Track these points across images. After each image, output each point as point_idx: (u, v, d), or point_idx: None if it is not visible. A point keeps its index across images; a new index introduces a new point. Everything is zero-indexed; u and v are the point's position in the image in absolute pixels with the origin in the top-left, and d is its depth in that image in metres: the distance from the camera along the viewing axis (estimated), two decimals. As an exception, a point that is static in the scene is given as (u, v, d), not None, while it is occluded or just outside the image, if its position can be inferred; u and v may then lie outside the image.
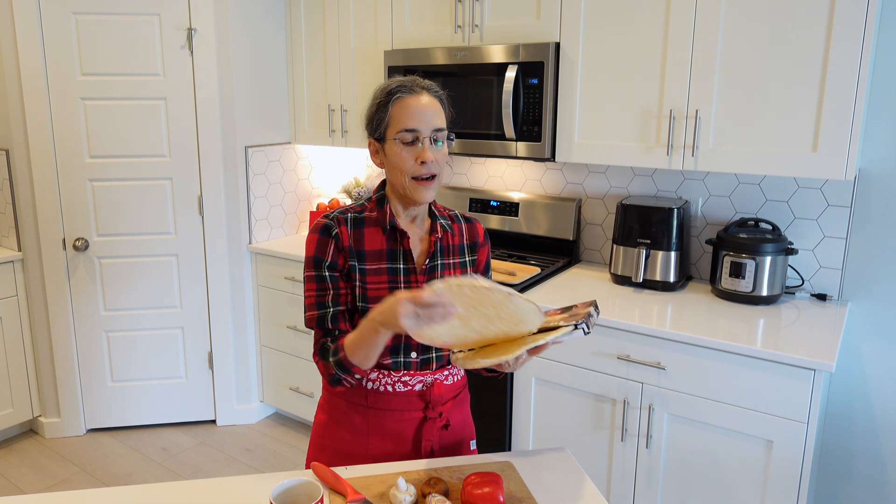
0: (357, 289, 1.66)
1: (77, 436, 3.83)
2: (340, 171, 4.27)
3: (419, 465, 1.61)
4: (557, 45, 2.84)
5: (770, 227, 2.76)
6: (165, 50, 3.49)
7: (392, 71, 3.25)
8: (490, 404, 2.91)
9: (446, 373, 1.74)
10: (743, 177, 2.88)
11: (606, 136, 2.80)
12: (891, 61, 2.54)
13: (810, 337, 2.35)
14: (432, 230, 1.74)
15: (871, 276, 2.69)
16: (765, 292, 2.64)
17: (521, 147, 2.94)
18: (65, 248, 3.60)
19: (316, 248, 1.66)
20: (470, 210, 3.55)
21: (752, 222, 2.76)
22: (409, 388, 1.69)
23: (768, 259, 2.61)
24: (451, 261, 1.75)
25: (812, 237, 2.77)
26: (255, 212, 3.82)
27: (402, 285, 1.67)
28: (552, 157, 2.94)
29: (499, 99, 2.95)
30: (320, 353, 1.63)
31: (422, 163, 1.59)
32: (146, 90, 3.52)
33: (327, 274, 1.65)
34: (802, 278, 2.81)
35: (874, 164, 2.63)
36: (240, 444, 3.77)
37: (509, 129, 2.93)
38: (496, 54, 2.94)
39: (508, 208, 3.44)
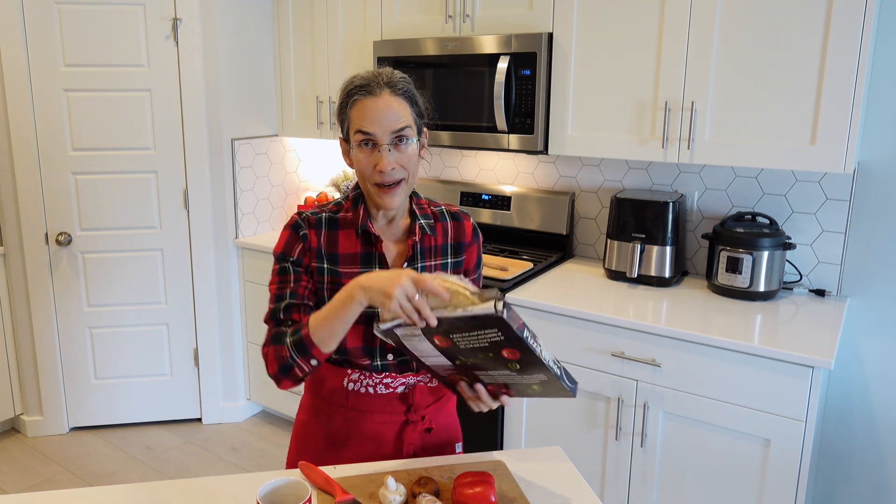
0: (327, 291, 1.60)
1: (60, 434, 3.78)
2: (329, 164, 4.22)
3: (409, 465, 1.58)
4: (550, 36, 2.80)
5: (767, 222, 2.72)
6: (150, 41, 3.44)
7: (381, 62, 3.20)
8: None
9: (429, 376, 1.68)
10: (740, 170, 2.84)
11: (600, 129, 2.76)
12: (890, 52, 2.51)
13: (808, 333, 2.32)
14: (411, 231, 1.65)
15: (871, 272, 2.66)
16: (762, 288, 2.60)
17: (514, 140, 2.90)
18: (47, 242, 3.54)
19: (284, 244, 1.62)
20: (461, 204, 3.50)
21: (749, 216, 2.73)
22: (391, 390, 1.63)
23: (765, 254, 2.57)
24: (433, 262, 1.67)
25: (810, 231, 2.73)
26: (242, 206, 3.76)
27: None
28: (545, 150, 2.89)
29: (490, 90, 2.91)
30: (273, 339, 1.54)
31: (380, 171, 1.51)
32: (130, 82, 3.46)
33: (291, 267, 1.60)
34: (800, 273, 2.78)
35: (873, 157, 2.60)
36: (226, 443, 3.72)
37: (501, 122, 2.89)
38: (488, 45, 2.89)
39: (500, 202, 3.39)
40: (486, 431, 2.89)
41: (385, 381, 1.62)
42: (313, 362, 1.48)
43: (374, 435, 1.65)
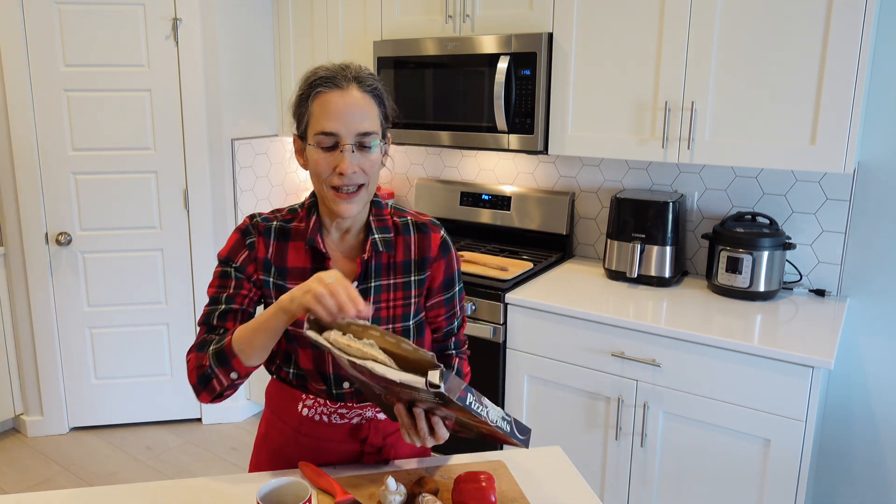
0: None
1: (60, 434, 3.77)
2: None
3: (410, 465, 1.58)
4: (550, 36, 2.80)
5: (767, 222, 2.72)
6: (150, 41, 3.44)
7: (381, 62, 3.20)
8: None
9: None
10: (740, 170, 2.84)
11: (600, 129, 2.76)
12: (890, 52, 2.50)
13: (808, 333, 2.32)
14: (363, 248, 1.51)
15: (871, 272, 2.65)
16: (762, 288, 2.60)
17: (514, 139, 2.90)
18: (47, 242, 3.54)
19: (229, 248, 1.51)
20: (461, 204, 3.50)
21: (749, 216, 2.73)
22: (346, 420, 1.55)
23: (765, 254, 2.57)
24: (391, 281, 1.52)
25: (810, 231, 2.73)
26: (242, 206, 3.76)
27: None
28: (545, 150, 2.89)
29: (490, 90, 2.90)
30: (198, 346, 1.45)
31: (340, 173, 1.38)
32: (131, 82, 3.46)
33: (233, 273, 1.49)
34: (800, 273, 2.77)
35: (873, 157, 2.59)
36: (226, 443, 3.71)
37: (501, 122, 2.89)
38: (488, 45, 2.89)
39: (500, 202, 3.39)
40: (486, 431, 2.88)
41: (340, 410, 1.55)
42: (233, 375, 1.40)
43: (326, 462, 1.58)
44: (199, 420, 3.95)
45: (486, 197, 3.44)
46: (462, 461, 1.60)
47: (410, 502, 1.40)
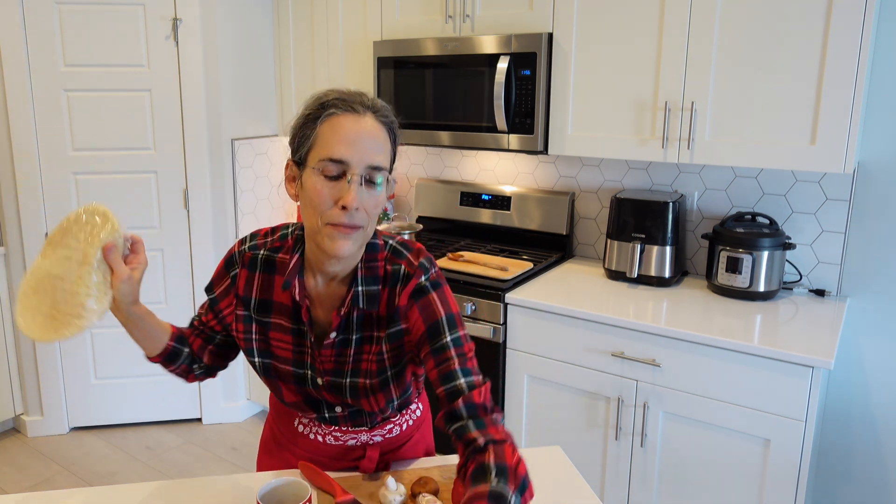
0: (255, 342, 1.44)
1: (60, 434, 3.77)
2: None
3: (410, 465, 1.57)
4: (550, 36, 2.80)
5: (767, 222, 2.72)
6: (150, 41, 3.44)
7: (381, 62, 3.20)
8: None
9: (390, 426, 1.55)
10: (740, 170, 2.84)
11: (600, 129, 2.76)
12: (890, 52, 2.50)
13: (808, 333, 2.32)
14: (344, 300, 1.37)
15: (871, 272, 2.65)
16: (762, 288, 2.60)
17: (514, 140, 2.90)
18: (47, 242, 3.53)
19: (215, 275, 1.48)
20: (461, 204, 3.50)
21: (749, 216, 2.73)
22: (341, 442, 1.54)
23: (765, 254, 2.57)
24: (375, 333, 1.39)
25: (810, 232, 2.73)
26: (242, 206, 3.76)
27: (308, 353, 1.41)
28: (545, 150, 2.89)
29: (490, 90, 2.90)
30: None
31: (343, 207, 1.22)
32: (131, 82, 3.46)
33: (209, 305, 1.51)
34: (800, 273, 2.77)
35: (873, 157, 2.59)
36: (226, 443, 3.71)
37: (501, 122, 2.89)
38: (488, 45, 2.89)
39: (500, 202, 3.39)
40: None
41: (335, 433, 1.53)
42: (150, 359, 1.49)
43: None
44: (199, 420, 3.95)
45: (486, 197, 3.44)
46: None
47: (411, 502, 1.40)
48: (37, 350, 3.64)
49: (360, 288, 1.35)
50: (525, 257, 3.18)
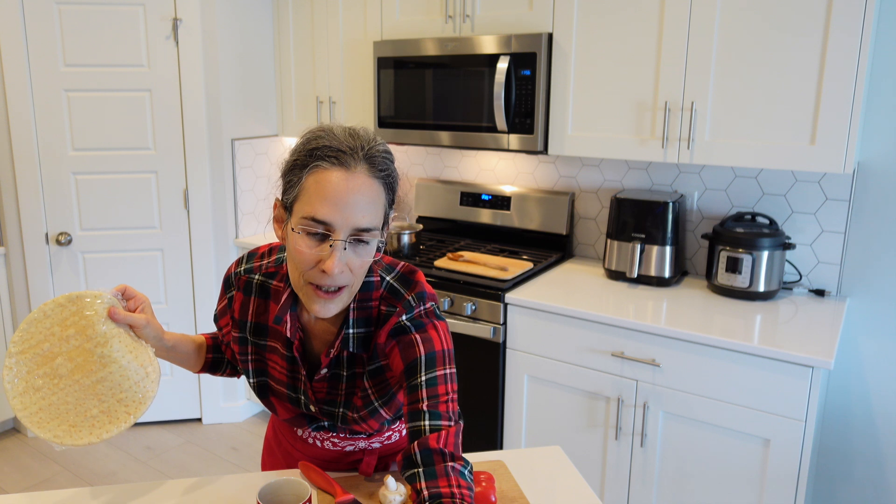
0: (251, 363, 1.43)
1: (60, 434, 3.76)
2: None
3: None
4: (550, 36, 2.80)
5: (767, 222, 2.72)
6: (150, 41, 3.44)
7: (381, 62, 3.20)
8: (482, 402, 2.87)
9: (388, 433, 1.54)
10: (739, 170, 2.84)
11: (600, 129, 2.76)
12: (890, 52, 2.50)
13: (808, 333, 2.32)
14: (335, 340, 1.33)
15: (870, 272, 2.65)
16: (762, 288, 2.60)
17: (514, 140, 2.90)
18: (47, 242, 3.54)
19: (220, 294, 1.48)
20: (461, 204, 3.50)
21: (749, 216, 2.73)
22: (339, 448, 1.53)
23: (765, 254, 2.57)
24: (365, 369, 1.36)
25: (810, 232, 2.73)
26: (242, 206, 3.76)
27: (302, 381, 1.39)
28: (545, 150, 2.89)
29: (490, 91, 2.90)
30: None
31: (322, 271, 1.15)
32: (131, 82, 3.46)
33: (215, 318, 1.54)
34: (800, 273, 2.77)
35: (873, 157, 2.59)
36: (226, 443, 3.71)
37: (501, 122, 2.89)
38: (488, 45, 2.89)
39: (500, 202, 3.39)
40: (485, 431, 2.89)
41: (332, 439, 1.52)
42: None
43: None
44: (199, 420, 3.95)
45: (486, 197, 3.44)
46: (462, 461, 1.60)
47: (410, 502, 1.40)
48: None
49: (350, 331, 1.30)
50: (525, 257, 3.18)
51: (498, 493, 1.44)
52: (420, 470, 1.19)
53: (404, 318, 1.29)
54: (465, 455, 1.42)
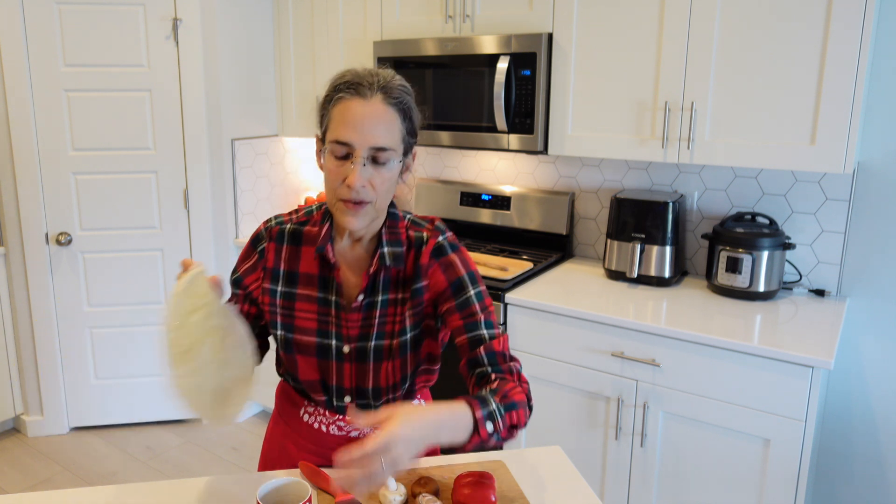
0: (279, 316, 1.50)
1: (60, 434, 3.77)
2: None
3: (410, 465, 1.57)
4: (550, 36, 2.80)
5: (767, 222, 2.72)
6: (150, 41, 3.44)
7: (381, 62, 3.20)
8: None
9: None
10: (739, 170, 2.84)
11: (600, 129, 2.76)
12: (890, 52, 2.50)
13: (808, 333, 2.32)
14: (371, 261, 1.47)
15: (871, 272, 2.65)
16: (762, 288, 2.60)
17: (514, 140, 2.90)
18: (48, 242, 3.54)
19: (240, 256, 1.54)
20: (461, 204, 3.50)
21: (749, 216, 2.73)
22: (344, 433, 1.56)
23: (765, 254, 2.57)
24: (399, 295, 1.48)
25: (810, 232, 2.73)
26: (242, 206, 3.76)
27: (333, 321, 1.48)
28: (545, 150, 2.89)
29: (490, 91, 2.90)
30: None
31: (347, 185, 1.32)
32: (131, 82, 3.46)
33: (232, 287, 1.55)
34: (800, 273, 2.77)
35: (873, 157, 2.59)
36: (226, 443, 3.71)
37: (501, 122, 2.89)
38: (488, 45, 2.89)
39: (500, 202, 3.39)
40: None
41: (339, 422, 1.55)
42: None
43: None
44: (200, 420, 3.95)
45: (486, 197, 3.44)
46: (462, 461, 1.60)
47: (411, 502, 1.40)
48: (37, 350, 3.64)
49: (385, 249, 1.45)
50: (525, 257, 3.18)
51: (498, 494, 1.44)
52: (489, 368, 1.41)
53: (441, 238, 1.48)
54: (464, 455, 1.56)
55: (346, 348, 1.48)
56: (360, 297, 1.46)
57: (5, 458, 3.55)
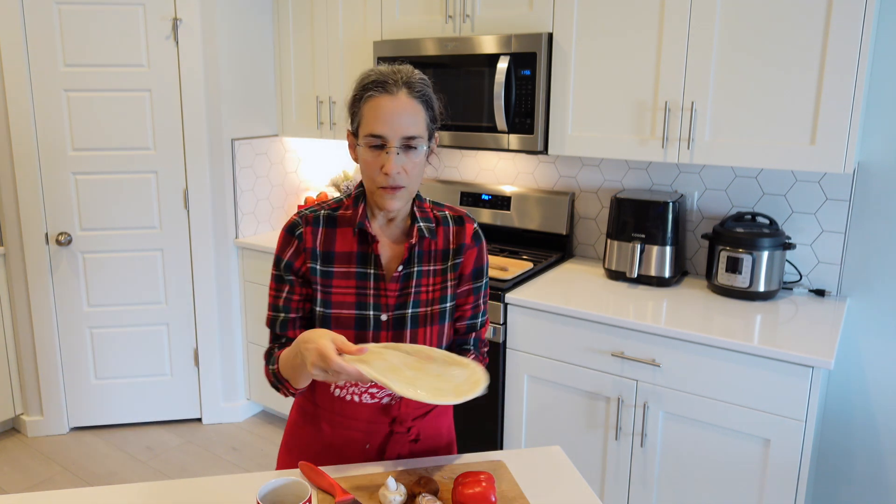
0: (319, 293, 1.58)
1: (60, 434, 3.77)
2: (329, 164, 4.21)
3: (410, 465, 1.58)
4: (550, 36, 2.80)
5: (767, 222, 2.72)
6: (150, 41, 3.43)
7: (381, 62, 3.20)
8: (482, 402, 2.86)
9: None
10: (740, 170, 2.84)
11: (600, 129, 2.76)
12: (890, 52, 2.50)
13: (808, 333, 2.32)
14: (410, 233, 1.62)
15: (871, 272, 2.65)
16: (762, 288, 2.60)
17: (514, 140, 2.90)
18: (48, 242, 3.53)
19: (279, 246, 1.61)
20: (461, 204, 3.50)
21: (749, 216, 2.73)
22: (377, 400, 1.61)
23: (765, 254, 2.57)
24: (431, 267, 1.63)
25: (810, 232, 2.73)
26: (242, 206, 3.76)
27: (371, 293, 1.58)
28: (545, 150, 2.89)
29: (490, 91, 2.90)
30: (266, 356, 1.60)
31: (385, 173, 1.48)
32: (131, 82, 3.46)
33: (284, 275, 1.60)
34: (800, 273, 2.77)
35: (873, 157, 2.59)
36: (226, 443, 3.71)
37: (501, 122, 2.89)
38: (488, 45, 2.89)
39: (500, 202, 3.39)
40: (486, 431, 2.89)
41: (371, 390, 1.61)
42: (292, 391, 1.54)
43: (358, 442, 1.64)
44: (199, 420, 3.95)
45: (486, 197, 3.44)
46: (462, 461, 1.60)
47: (410, 502, 1.40)
48: (36, 350, 3.64)
49: (420, 224, 1.61)
50: (525, 257, 3.18)
51: (498, 493, 1.44)
52: (470, 348, 1.70)
53: (475, 226, 1.69)
54: (464, 455, 1.63)
55: (384, 316, 1.57)
56: (400, 268, 1.58)
57: (5, 458, 3.55)
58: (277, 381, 1.54)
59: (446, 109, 1.64)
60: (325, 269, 1.58)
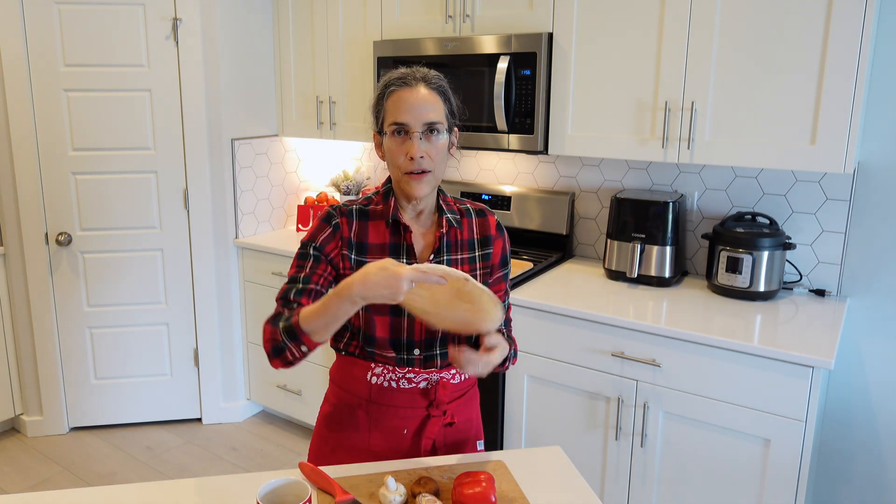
0: None
1: (60, 434, 3.77)
2: (329, 164, 4.21)
3: (410, 465, 1.58)
4: (550, 36, 2.80)
5: (767, 222, 2.72)
6: (150, 41, 3.43)
7: (381, 62, 3.20)
8: (482, 402, 2.85)
9: (453, 371, 1.71)
10: (740, 170, 2.84)
11: (600, 129, 2.76)
12: (890, 52, 2.50)
13: (808, 333, 2.32)
14: (439, 224, 1.70)
15: (871, 272, 2.65)
16: (762, 288, 2.60)
17: (514, 139, 2.90)
18: (47, 242, 3.53)
19: (312, 231, 1.67)
20: (461, 204, 3.50)
21: (749, 216, 2.73)
22: (414, 384, 1.67)
23: (765, 254, 2.57)
24: (460, 256, 1.71)
25: (810, 231, 2.73)
26: (242, 206, 3.76)
27: None
28: (545, 150, 2.89)
29: (490, 90, 2.90)
30: (273, 319, 1.57)
31: (410, 158, 1.57)
32: (131, 82, 3.46)
33: (311, 252, 1.64)
34: (800, 273, 2.77)
35: (873, 156, 2.59)
36: (226, 443, 3.71)
37: (501, 122, 2.89)
38: (488, 45, 2.89)
39: (500, 202, 3.39)
40: (486, 431, 2.89)
41: (408, 375, 1.66)
42: (303, 349, 1.51)
43: (395, 428, 1.68)
44: (199, 420, 3.95)
45: (486, 197, 3.44)
46: (462, 461, 1.60)
47: (411, 502, 1.40)
48: (36, 350, 3.64)
49: (447, 215, 1.69)
50: (525, 257, 3.18)
51: (498, 493, 1.44)
52: (502, 329, 1.75)
53: (497, 217, 1.80)
54: (464, 455, 1.65)
55: None
56: (431, 257, 1.67)
57: (5, 458, 3.55)
58: (291, 337, 1.50)
59: (463, 107, 1.72)
60: (360, 259, 1.65)
